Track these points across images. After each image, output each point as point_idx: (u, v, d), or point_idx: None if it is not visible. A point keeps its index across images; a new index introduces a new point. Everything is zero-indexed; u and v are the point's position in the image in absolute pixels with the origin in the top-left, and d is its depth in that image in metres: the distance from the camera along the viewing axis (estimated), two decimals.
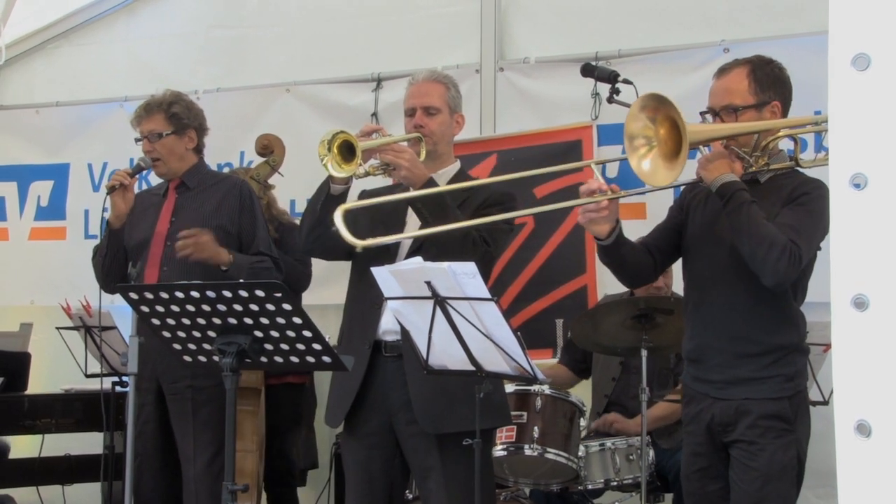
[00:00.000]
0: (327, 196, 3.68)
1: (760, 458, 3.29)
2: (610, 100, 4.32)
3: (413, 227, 3.75)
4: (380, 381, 3.70)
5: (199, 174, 4.73)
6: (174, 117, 4.65)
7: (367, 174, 3.63)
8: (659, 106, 3.12)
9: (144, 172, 5.07)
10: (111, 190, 4.55)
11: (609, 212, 3.36)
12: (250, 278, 4.08)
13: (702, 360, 3.44)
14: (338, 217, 3.29)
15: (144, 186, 6.03)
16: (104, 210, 4.68)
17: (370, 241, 3.33)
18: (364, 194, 4.02)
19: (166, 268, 4.50)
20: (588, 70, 4.51)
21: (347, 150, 3.52)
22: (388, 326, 3.69)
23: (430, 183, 3.63)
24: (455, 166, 3.93)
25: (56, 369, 6.25)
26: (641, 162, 3.16)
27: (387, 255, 3.73)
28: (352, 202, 3.58)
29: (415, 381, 3.62)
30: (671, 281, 4.82)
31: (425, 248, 3.62)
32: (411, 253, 3.69)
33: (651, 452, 4.47)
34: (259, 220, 4.67)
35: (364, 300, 3.77)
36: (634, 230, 5.01)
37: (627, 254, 3.51)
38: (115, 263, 4.60)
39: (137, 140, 4.71)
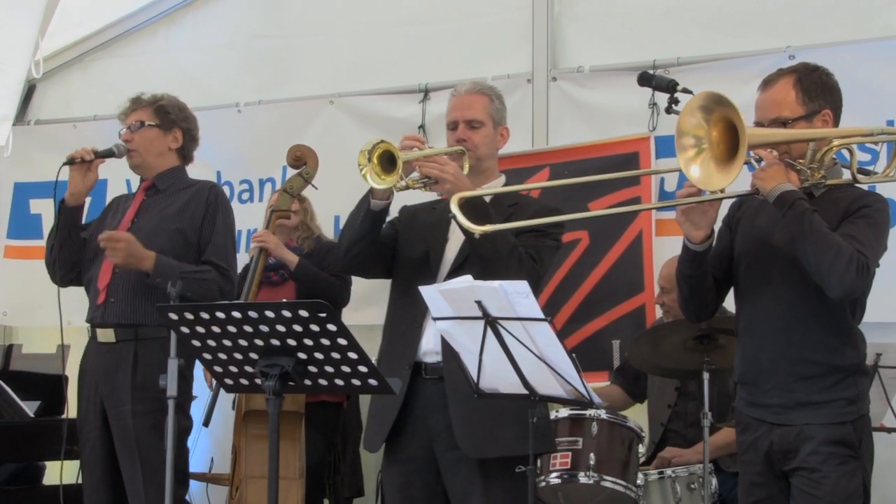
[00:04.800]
0: (367, 211, 3.69)
1: (824, 486, 3.23)
2: (668, 110, 4.29)
3: (456, 243, 3.76)
4: (420, 404, 3.70)
5: (173, 178, 4.65)
6: (161, 110, 4.64)
7: (406, 187, 3.64)
8: (716, 106, 3.10)
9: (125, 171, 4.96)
10: (71, 161, 4.50)
11: (713, 211, 3.34)
12: (183, 287, 3.98)
13: (756, 382, 3.39)
14: (454, 206, 3.34)
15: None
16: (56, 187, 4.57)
17: (489, 228, 3.38)
18: (404, 210, 4.05)
19: (118, 269, 4.45)
20: (645, 79, 4.49)
21: (388, 162, 3.53)
22: (428, 347, 3.70)
23: (476, 197, 3.63)
24: (500, 181, 3.94)
25: None
26: (690, 165, 3.15)
27: (428, 272, 3.74)
28: (471, 192, 3.57)
29: (456, 405, 3.62)
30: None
31: (468, 265, 3.63)
32: (454, 270, 3.70)
33: (714, 481, 4.43)
34: (220, 227, 4.55)
35: (404, 319, 3.78)
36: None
37: (708, 270, 3.47)
38: (65, 249, 4.53)
39: (122, 130, 4.68)
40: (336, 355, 3.17)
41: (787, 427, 3.30)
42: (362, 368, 3.20)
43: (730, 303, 3.67)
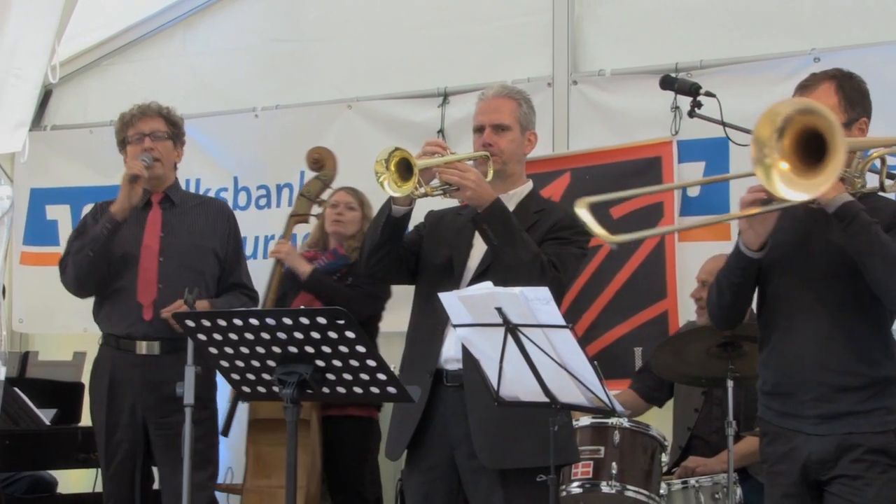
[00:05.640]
0: (388, 218, 3.70)
1: (866, 494, 3.21)
2: (691, 114, 4.29)
3: (480, 249, 3.76)
4: (441, 412, 3.71)
5: (180, 191, 4.81)
6: (175, 125, 4.72)
7: (425, 195, 3.64)
8: (798, 115, 3.06)
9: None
10: (134, 178, 4.49)
11: (773, 218, 3.30)
12: None
13: (794, 393, 3.35)
14: (583, 211, 3.29)
15: None
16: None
17: (623, 237, 3.36)
18: (430, 215, 4.04)
19: (162, 284, 4.54)
20: (667, 82, 4.49)
21: (405, 169, 3.54)
22: (449, 354, 3.70)
23: (497, 203, 3.63)
24: (527, 187, 3.93)
25: None
26: (777, 184, 3.08)
27: (451, 279, 3.74)
28: (597, 196, 3.53)
29: (475, 413, 3.62)
30: None
31: (491, 272, 3.62)
32: (476, 277, 3.70)
33: (738, 491, 4.41)
34: (241, 249, 4.80)
35: (426, 326, 3.78)
36: (719, 251, 4.99)
37: (754, 278, 3.44)
38: (102, 264, 4.56)
39: (125, 143, 4.67)
40: (354, 363, 3.17)
41: (826, 437, 3.29)
42: (381, 376, 3.20)
43: None
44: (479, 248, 3.78)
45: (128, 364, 4.52)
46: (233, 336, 3.26)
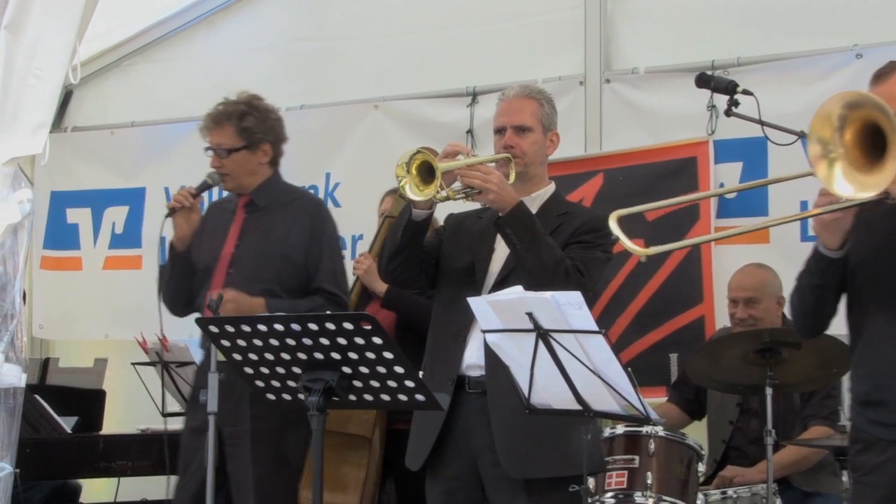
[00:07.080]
0: (408, 222, 3.71)
1: None
2: (728, 113, 4.27)
3: (502, 254, 3.76)
4: (463, 419, 3.71)
5: (270, 191, 4.64)
6: (246, 131, 4.57)
7: (447, 198, 3.65)
8: (855, 108, 3.04)
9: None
10: (172, 212, 4.54)
11: (850, 215, 3.23)
12: None
13: (885, 402, 3.28)
14: (614, 225, 3.29)
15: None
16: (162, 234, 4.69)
17: (654, 249, 3.35)
18: (450, 218, 4.05)
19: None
20: (703, 80, 4.47)
21: (427, 172, 3.55)
22: (471, 360, 3.71)
23: (520, 207, 3.64)
24: (549, 189, 3.94)
25: (132, 408, 6.35)
26: (833, 181, 3.05)
27: (472, 284, 3.75)
28: (629, 209, 3.52)
29: (498, 421, 3.63)
30: None
31: (514, 277, 3.63)
32: (499, 282, 3.71)
33: (778, 502, 4.38)
34: (326, 249, 4.57)
35: (448, 332, 3.79)
36: (755, 256, 4.96)
37: (837, 278, 3.37)
38: (181, 288, 4.60)
39: (207, 149, 4.66)
40: (382, 369, 3.18)
41: None
42: (409, 383, 3.20)
43: None
44: (500, 252, 3.79)
45: (206, 370, 4.52)
46: (257, 342, 3.26)
